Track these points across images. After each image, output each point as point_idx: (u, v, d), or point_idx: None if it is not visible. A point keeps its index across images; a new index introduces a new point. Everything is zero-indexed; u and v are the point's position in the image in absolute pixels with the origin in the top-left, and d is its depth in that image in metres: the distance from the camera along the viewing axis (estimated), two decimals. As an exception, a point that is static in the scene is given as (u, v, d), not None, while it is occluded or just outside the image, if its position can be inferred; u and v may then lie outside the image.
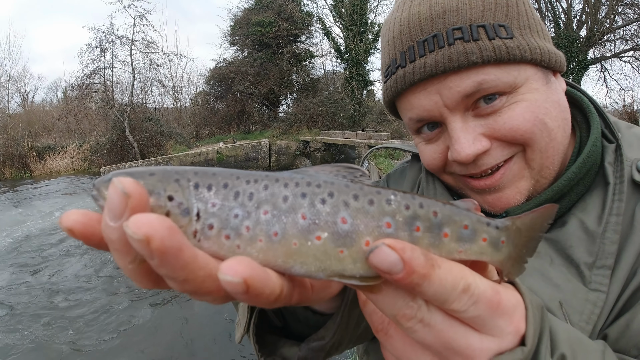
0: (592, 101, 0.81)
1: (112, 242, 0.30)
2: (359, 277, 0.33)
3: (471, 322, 0.36)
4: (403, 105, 0.80)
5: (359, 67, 25.71)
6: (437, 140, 0.78)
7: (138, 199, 0.29)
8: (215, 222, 0.32)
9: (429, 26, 0.71)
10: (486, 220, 0.37)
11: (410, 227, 0.34)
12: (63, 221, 0.31)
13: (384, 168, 11.45)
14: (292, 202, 0.33)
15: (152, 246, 0.27)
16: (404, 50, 0.74)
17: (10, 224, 11.84)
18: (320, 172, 0.36)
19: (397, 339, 0.41)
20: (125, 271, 0.33)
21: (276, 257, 0.32)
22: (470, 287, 0.34)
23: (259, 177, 0.34)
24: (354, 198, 0.34)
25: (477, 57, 0.66)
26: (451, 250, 0.35)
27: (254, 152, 22.54)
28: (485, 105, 0.70)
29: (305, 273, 0.33)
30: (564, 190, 0.72)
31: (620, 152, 0.72)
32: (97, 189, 0.34)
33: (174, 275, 0.30)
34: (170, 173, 0.33)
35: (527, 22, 0.71)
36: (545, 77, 0.72)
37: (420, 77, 0.71)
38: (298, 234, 0.33)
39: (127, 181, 0.29)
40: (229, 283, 0.29)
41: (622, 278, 0.65)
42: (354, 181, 0.36)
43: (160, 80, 27.13)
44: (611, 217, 0.67)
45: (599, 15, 17.76)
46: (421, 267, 0.32)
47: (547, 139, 0.70)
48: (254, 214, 0.32)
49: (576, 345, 0.44)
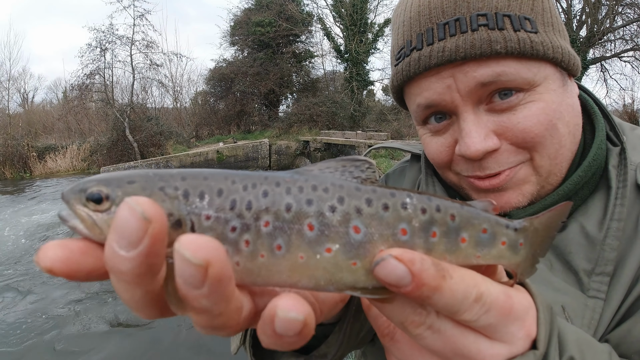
0: (597, 103, 0.79)
1: (121, 274, 0.26)
2: (371, 289, 0.31)
3: (482, 330, 0.35)
4: (412, 91, 0.74)
5: (359, 67, 25.66)
6: (445, 133, 0.74)
7: (160, 225, 0.25)
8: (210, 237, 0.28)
9: (452, 9, 0.66)
10: (505, 223, 0.35)
11: (426, 233, 0.32)
12: (40, 260, 0.27)
13: (384, 168, 11.45)
14: (297, 211, 0.30)
15: (209, 272, 0.25)
16: (421, 32, 0.69)
17: (10, 223, 11.84)
18: (325, 171, 0.33)
19: (404, 343, 0.39)
20: (130, 302, 0.29)
21: (280, 272, 0.30)
22: (483, 295, 0.33)
23: (257, 180, 0.30)
24: (367, 203, 0.31)
25: (502, 46, 0.62)
26: (468, 255, 0.33)
27: (254, 152, 22.50)
28: (501, 101, 0.66)
29: (313, 287, 0.30)
30: (569, 194, 0.71)
31: (625, 155, 0.71)
32: (68, 203, 0.30)
33: (213, 306, 0.27)
34: (153, 180, 0.29)
35: (550, 19, 0.68)
36: (563, 79, 0.69)
37: (438, 61, 0.66)
38: (305, 246, 0.29)
39: (146, 203, 0.25)
40: (293, 321, 0.27)
41: (625, 284, 0.63)
42: (363, 181, 0.32)
43: (160, 80, 27.07)
44: (612, 222, 0.66)
45: (599, 15, 17.73)
46: (431, 279, 0.30)
47: (557, 146, 0.68)
48: (253, 226, 0.29)
49: (585, 347, 0.43)
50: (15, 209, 13.99)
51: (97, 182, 0.29)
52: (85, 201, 0.29)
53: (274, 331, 0.29)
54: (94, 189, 0.29)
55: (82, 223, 0.29)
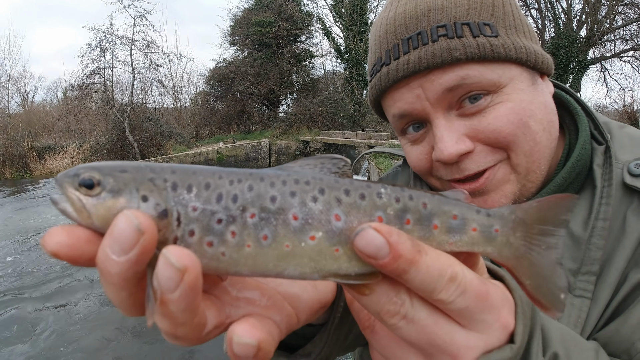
0: (579, 102, 0.80)
1: (109, 275, 0.29)
2: (354, 276, 0.32)
3: (457, 316, 0.35)
4: (387, 103, 0.79)
5: (359, 67, 25.65)
6: (423, 141, 0.77)
7: (150, 237, 0.28)
8: (196, 228, 0.30)
9: (414, 24, 0.71)
10: (476, 209, 0.36)
11: (401, 220, 0.33)
12: (47, 244, 0.28)
13: (384, 168, 11.45)
14: (281, 202, 0.31)
15: (185, 278, 0.27)
16: (388, 49, 0.74)
17: (11, 223, 11.85)
18: (305, 167, 0.35)
19: (383, 335, 0.40)
20: (115, 301, 0.31)
21: (267, 262, 0.31)
22: (458, 275, 0.33)
23: (242, 176, 0.32)
24: (346, 193, 0.33)
25: (461, 53, 0.66)
26: (441, 242, 0.35)
27: (254, 152, 22.52)
28: (470, 105, 0.69)
29: (299, 275, 0.32)
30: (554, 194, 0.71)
31: (610, 154, 0.71)
32: (61, 186, 0.31)
33: (178, 314, 0.29)
34: (144, 171, 0.31)
35: (513, 22, 0.71)
36: (532, 78, 0.71)
37: (404, 73, 0.70)
38: (291, 235, 0.31)
39: (142, 217, 0.28)
40: (247, 345, 0.30)
41: (613, 283, 0.64)
42: (340, 174, 0.34)
43: (160, 80, 27.11)
44: (597, 221, 0.66)
45: (599, 15, 17.74)
46: (408, 251, 0.31)
47: (532, 143, 0.69)
48: (239, 218, 0.31)
49: (570, 344, 0.42)
50: (15, 209, 14.00)
51: (91, 168, 0.31)
52: (77, 185, 0.31)
53: (233, 353, 0.31)
54: (87, 175, 0.31)
55: (71, 206, 0.31)
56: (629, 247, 0.65)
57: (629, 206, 0.67)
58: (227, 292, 0.36)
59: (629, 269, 0.64)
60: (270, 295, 0.38)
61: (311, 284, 0.43)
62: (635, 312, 0.60)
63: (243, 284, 0.37)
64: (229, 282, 0.37)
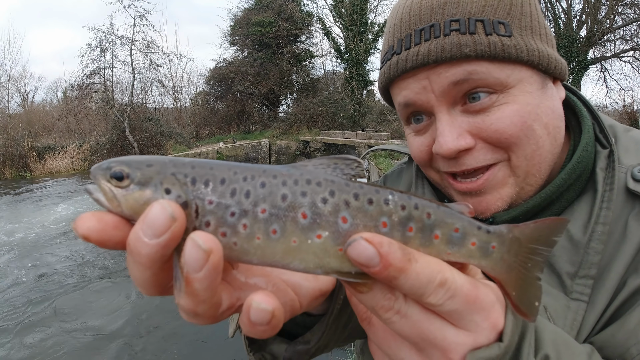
0: (586, 104, 0.80)
1: (138, 255, 0.32)
2: (354, 274, 0.35)
3: (447, 316, 0.37)
4: (394, 91, 0.79)
5: (359, 67, 25.66)
6: (425, 133, 0.77)
7: (181, 225, 0.31)
8: (211, 220, 0.33)
9: (429, 15, 0.70)
10: (477, 224, 0.37)
11: (404, 228, 0.35)
12: (78, 228, 0.32)
13: (384, 168, 11.45)
14: (292, 201, 0.33)
15: (210, 258, 0.30)
16: (401, 38, 0.74)
17: (11, 223, 11.85)
18: (318, 167, 0.36)
19: (379, 328, 0.42)
20: (138, 280, 0.34)
21: (274, 254, 0.33)
22: (447, 281, 0.35)
23: (256, 172, 0.34)
24: (355, 197, 0.34)
25: (471, 49, 0.65)
26: (440, 251, 0.36)
27: (254, 152, 22.54)
28: (475, 102, 0.68)
29: (303, 269, 0.34)
30: (552, 197, 0.71)
31: (613, 158, 0.70)
32: (95, 178, 0.35)
33: (201, 292, 0.32)
34: (168, 165, 0.34)
35: (529, 23, 0.69)
36: (542, 82, 0.70)
37: (412, 65, 0.70)
38: (298, 232, 0.33)
39: (175, 206, 0.31)
40: (264, 311, 0.33)
41: (611, 288, 0.63)
42: (352, 177, 0.36)
43: (160, 80, 27.17)
44: (597, 225, 0.66)
45: (599, 15, 17.73)
46: (398, 260, 0.33)
47: (534, 147, 0.68)
48: (251, 212, 0.33)
49: (562, 347, 0.43)
50: (15, 208, 14.00)
51: (121, 162, 0.34)
52: (109, 177, 0.34)
53: (249, 319, 0.34)
54: (117, 168, 0.34)
55: (104, 196, 0.34)
56: (629, 253, 0.64)
57: (631, 211, 0.67)
58: (237, 279, 0.39)
59: (628, 274, 0.64)
60: (275, 282, 0.41)
61: (313, 275, 0.45)
62: (632, 318, 0.60)
63: (251, 272, 0.40)
64: (237, 270, 0.40)
